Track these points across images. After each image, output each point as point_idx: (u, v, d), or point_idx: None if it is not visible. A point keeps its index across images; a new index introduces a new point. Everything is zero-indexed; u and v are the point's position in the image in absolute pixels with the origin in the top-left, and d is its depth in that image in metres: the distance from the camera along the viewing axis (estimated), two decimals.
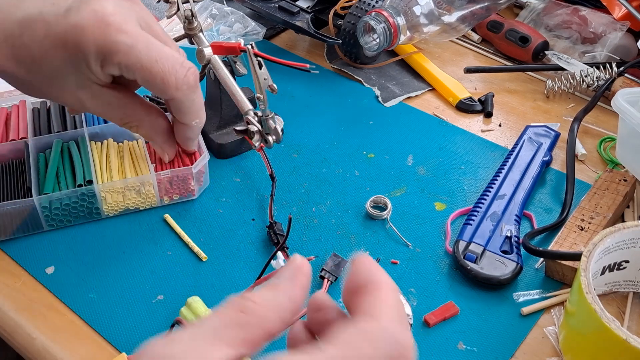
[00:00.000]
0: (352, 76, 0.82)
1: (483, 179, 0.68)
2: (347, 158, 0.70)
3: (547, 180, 0.68)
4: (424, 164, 0.70)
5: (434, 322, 0.53)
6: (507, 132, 0.74)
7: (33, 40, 0.40)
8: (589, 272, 0.47)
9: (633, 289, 0.55)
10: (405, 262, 0.59)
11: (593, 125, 0.75)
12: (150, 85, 0.42)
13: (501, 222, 0.61)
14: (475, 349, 0.52)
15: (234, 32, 0.87)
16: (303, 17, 0.81)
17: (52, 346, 0.52)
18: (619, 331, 0.43)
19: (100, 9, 0.39)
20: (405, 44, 0.83)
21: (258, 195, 0.65)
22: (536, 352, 0.52)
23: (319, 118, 0.76)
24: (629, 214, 0.63)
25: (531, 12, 0.89)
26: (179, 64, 0.42)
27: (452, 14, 0.80)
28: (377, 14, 0.76)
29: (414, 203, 0.65)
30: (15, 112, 0.69)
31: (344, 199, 0.65)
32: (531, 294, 0.56)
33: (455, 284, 0.57)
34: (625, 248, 0.51)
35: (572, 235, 0.58)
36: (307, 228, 0.62)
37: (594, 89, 0.78)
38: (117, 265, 0.58)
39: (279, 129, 0.57)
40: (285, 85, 0.79)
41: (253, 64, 0.54)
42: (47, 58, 0.40)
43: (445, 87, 0.79)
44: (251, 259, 0.59)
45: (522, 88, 0.82)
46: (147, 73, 0.41)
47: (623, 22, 0.81)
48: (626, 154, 0.62)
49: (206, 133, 0.69)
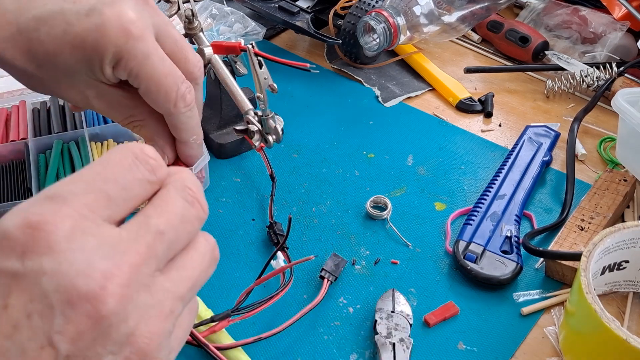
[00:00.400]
0: (352, 76, 0.82)
1: (483, 179, 0.68)
2: (347, 158, 0.70)
3: (547, 180, 0.68)
4: (424, 164, 0.70)
5: (434, 322, 0.53)
6: (507, 132, 0.74)
7: (50, 35, 0.40)
8: (589, 272, 0.47)
9: (633, 289, 0.55)
10: (405, 262, 0.59)
11: (593, 125, 0.75)
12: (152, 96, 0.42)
13: (501, 222, 0.61)
14: (475, 349, 0.52)
15: (234, 32, 0.87)
16: (303, 17, 0.81)
17: None
18: (619, 331, 0.43)
19: (123, 15, 0.40)
20: (405, 44, 0.83)
21: (258, 195, 0.65)
22: (536, 352, 0.52)
23: (319, 118, 0.76)
24: (629, 214, 0.63)
25: (531, 12, 0.89)
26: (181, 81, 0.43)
27: (452, 14, 0.80)
28: (377, 14, 0.76)
29: (414, 203, 0.65)
30: (15, 112, 0.69)
31: (344, 199, 0.65)
32: (531, 294, 0.56)
33: (455, 284, 0.57)
34: (625, 248, 0.51)
35: (572, 235, 0.58)
36: (307, 228, 0.62)
37: (594, 89, 0.78)
38: None
39: (279, 129, 0.57)
40: (286, 85, 0.79)
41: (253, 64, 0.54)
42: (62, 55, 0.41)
43: (445, 87, 0.79)
44: (251, 259, 0.59)
45: (522, 88, 0.82)
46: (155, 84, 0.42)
47: (623, 22, 0.81)
48: (626, 154, 0.62)
49: (206, 133, 0.69)
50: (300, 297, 0.55)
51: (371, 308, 0.54)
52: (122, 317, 0.24)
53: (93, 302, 0.23)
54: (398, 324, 0.51)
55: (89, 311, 0.23)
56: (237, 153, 0.70)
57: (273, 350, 0.52)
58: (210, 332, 0.50)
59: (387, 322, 0.51)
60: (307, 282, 0.57)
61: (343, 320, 0.54)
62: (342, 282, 0.57)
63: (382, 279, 0.57)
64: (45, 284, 0.23)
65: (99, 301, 0.23)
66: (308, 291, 0.56)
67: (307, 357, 0.51)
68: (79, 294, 0.23)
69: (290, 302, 0.55)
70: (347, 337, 0.53)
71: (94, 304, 0.23)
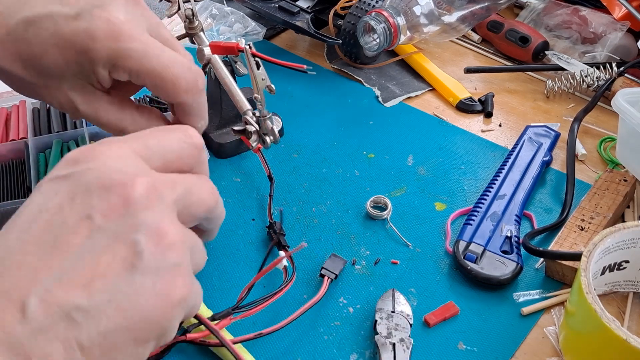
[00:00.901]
0: (352, 76, 0.82)
1: (483, 179, 0.68)
2: (347, 158, 0.70)
3: (547, 180, 0.68)
4: (424, 164, 0.70)
5: (434, 322, 0.53)
6: (507, 132, 0.74)
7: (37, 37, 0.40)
8: (589, 272, 0.47)
9: (633, 289, 0.55)
10: (406, 262, 0.59)
11: (593, 125, 0.75)
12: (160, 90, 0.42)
13: (501, 222, 0.61)
14: (475, 349, 0.52)
15: (234, 32, 0.87)
16: (303, 17, 0.81)
17: None
18: (619, 331, 0.43)
19: (112, 17, 0.40)
20: (405, 44, 0.83)
21: (258, 195, 0.65)
22: (536, 352, 0.52)
23: (319, 118, 0.76)
24: (629, 214, 0.63)
25: (531, 12, 0.89)
26: (188, 68, 0.43)
27: (452, 14, 0.80)
28: (377, 14, 0.76)
29: (414, 203, 0.65)
30: (15, 112, 0.69)
31: (344, 199, 0.65)
32: (531, 294, 0.56)
33: (455, 284, 0.57)
34: (626, 248, 0.51)
35: (572, 235, 0.58)
36: (307, 228, 0.62)
37: (594, 89, 0.78)
38: None
39: (276, 130, 0.57)
40: (285, 85, 0.79)
41: (251, 64, 0.54)
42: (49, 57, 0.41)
43: (445, 87, 0.79)
44: (251, 259, 0.59)
45: (522, 88, 0.82)
46: (159, 78, 0.42)
47: (623, 22, 0.81)
48: (626, 154, 0.62)
49: (206, 133, 0.69)
50: (300, 297, 0.55)
51: (371, 308, 0.54)
52: (148, 205, 0.29)
53: (124, 188, 0.29)
54: (398, 324, 0.51)
55: (120, 193, 0.29)
56: (237, 153, 0.70)
57: (273, 350, 0.52)
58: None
59: (387, 322, 0.51)
60: (307, 282, 0.57)
61: (343, 320, 0.54)
62: (342, 282, 0.57)
63: (382, 279, 0.57)
64: (88, 176, 0.29)
65: (129, 187, 0.29)
66: (308, 291, 0.56)
67: (307, 357, 0.51)
68: (113, 182, 0.29)
69: (291, 302, 0.55)
70: (347, 337, 0.53)
71: (125, 189, 0.29)
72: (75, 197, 0.29)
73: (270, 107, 0.58)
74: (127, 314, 0.28)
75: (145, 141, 0.33)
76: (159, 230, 0.29)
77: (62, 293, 0.27)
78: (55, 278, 0.27)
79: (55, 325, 0.26)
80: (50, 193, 0.29)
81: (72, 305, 0.27)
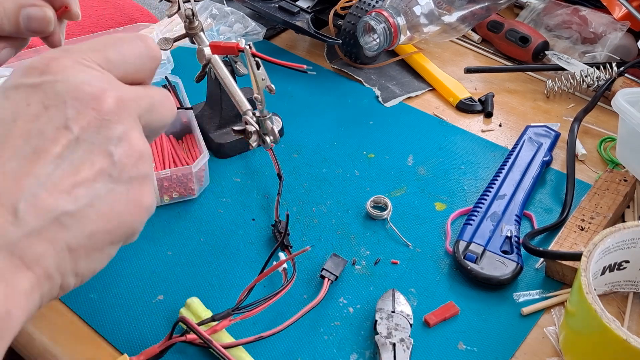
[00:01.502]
0: (352, 76, 0.82)
1: (483, 179, 0.68)
2: (347, 158, 0.70)
3: (547, 180, 0.68)
4: (424, 164, 0.70)
5: (434, 322, 0.53)
6: (507, 132, 0.74)
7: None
8: (589, 272, 0.47)
9: (633, 289, 0.55)
10: (406, 262, 0.59)
11: (593, 125, 0.75)
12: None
13: (501, 222, 0.61)
14: (475, 349, 0.52)
15: (234, 32, 0.87)
16: (303, 17, 0.81)
17: (52, 346, 0.52)
18: (619, 331, 0.43)
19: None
20: (405, 44, 0.83)
21: (258, 195, 0.65)
22: (536, 352, 0.52)
23: (319, 118, 0.76)
24: (629, 214, 0.63)
25: (531, 12, 0.89)
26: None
27: (452, 14, 0.80)
28: (377, 14, 0.76)
29: (414, 203, 0.65)
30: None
31: (344, 199, 0.65)
32: (531, 294, 0.56)
33: (455, 284, 0.57)
34: (626, 248, 0.51)
35: (572, 236, 0.58)
36: (307, 228, 0.62)
37: (594, 89, 0.78)
38: (117, 265, 0.58)
39: (276, 130, 0.57)
40: (285, 85, 0.79)
41: (251, 64, 0.54)
42: None
43: (446, 87, 0.79)
44: (251, 259, 0.59)
45: (522, 88, 0.82)
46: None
47: (623, 22, 0.81)
48: (626, 154, 0.62)
49: (206, 133, 0.69)
50: (300, 298, 0.55)
51: (371, 308, 0.54)
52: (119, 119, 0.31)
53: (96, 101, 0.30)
54: (398, 324, 0.51)
55: (93, 106, 0.30)
56: (237, 152, 0.70)
57: (274, 351, 0.52)
58: (212, 331, 0.50)
59: (387, 322, 0.51)
60: (307, 283, 0.57)
61: (343, 320, 0.54)
62: (342, 282, 0.57)
63: (382, 279, 0.57)
64: (58, 87, 0.30)
65: (101, 100, 0.30)
66: (308, 291, 0.56)
67: (308, 357, 0.51)
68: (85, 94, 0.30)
69: (291, 303, 0.55)
70: (348, 337, 0.53)
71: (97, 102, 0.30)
72: (49, 107, 0.29)
73: (270, 107, 0.57)
74: (106, 218, 0.30)
75: (106, 53, 0.33)
76: (130, 143, 0.31)
77: (49, 198, 0.28)
78: (39, 185, 0.28)
79: (46, 228, 0.28)
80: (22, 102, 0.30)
81: (60, 210, 0.28)
